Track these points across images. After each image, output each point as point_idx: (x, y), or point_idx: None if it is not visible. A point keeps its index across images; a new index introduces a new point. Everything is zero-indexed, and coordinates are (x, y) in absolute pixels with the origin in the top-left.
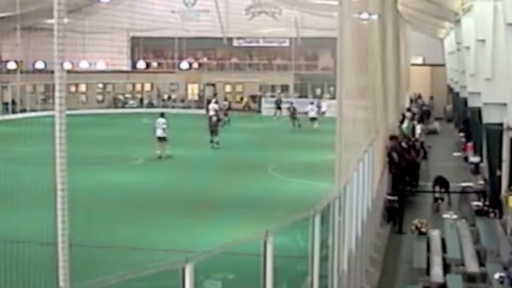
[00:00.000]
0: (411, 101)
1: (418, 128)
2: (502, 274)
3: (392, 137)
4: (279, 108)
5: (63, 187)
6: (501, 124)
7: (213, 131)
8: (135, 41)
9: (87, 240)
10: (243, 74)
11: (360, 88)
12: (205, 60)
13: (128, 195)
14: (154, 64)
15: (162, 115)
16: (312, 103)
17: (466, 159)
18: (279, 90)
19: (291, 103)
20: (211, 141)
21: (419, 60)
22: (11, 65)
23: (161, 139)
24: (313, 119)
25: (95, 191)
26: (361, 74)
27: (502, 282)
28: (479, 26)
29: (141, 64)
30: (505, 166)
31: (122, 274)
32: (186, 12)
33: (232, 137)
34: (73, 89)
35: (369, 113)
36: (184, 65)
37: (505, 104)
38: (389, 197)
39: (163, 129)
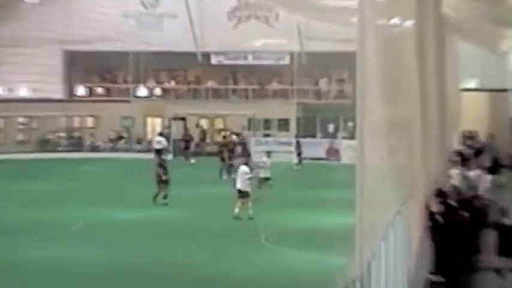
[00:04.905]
0: (465, 140)
1: (487, 180)
2: None
3: (440, 193)
4: (300, 153)
5: None
6: None
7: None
8: (72, 58)
9: None
10: (225, 104)
11: (390, 123)
12: (172, 84)
13: (65, 274)
14: (100, 90)
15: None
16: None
17: None
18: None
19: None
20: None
21: (473, 84)
22: None
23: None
24: None
25: (17, 268)
26: (391, 103)
27: None
28: None
29: (80, 90)
30: None
31: None
32: (144, 17)
33: (209, 193)
34: None
35: (402, 158)
36: (142, 91)
37: None
38: (433, 277)
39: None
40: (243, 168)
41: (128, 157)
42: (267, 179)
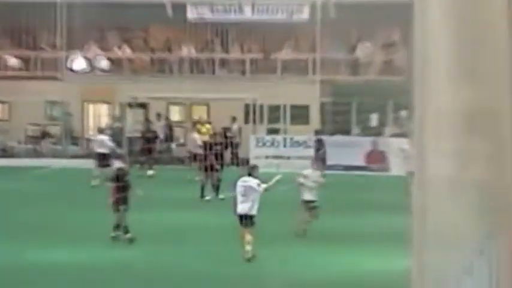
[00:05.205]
0: None
1: None
2: None
3: None
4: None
5: None
6: None
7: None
8: None
9: None
10: (210, 83)
11: (467, 113)
12: (126, 52)
13: None
14: (13, 61)
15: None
16: None
17: None
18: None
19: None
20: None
21: None
22: None
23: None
24: None
25: None
26: (469, 82)
27: None
28: None
29: None
30: None
31: None
32: None
33: (185, 221)
34: None
35: (486, 169)
36: (79, 63)
37: None
38: None
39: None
40: (251, 181)
41: (59, 165)
42: (311, 202)
